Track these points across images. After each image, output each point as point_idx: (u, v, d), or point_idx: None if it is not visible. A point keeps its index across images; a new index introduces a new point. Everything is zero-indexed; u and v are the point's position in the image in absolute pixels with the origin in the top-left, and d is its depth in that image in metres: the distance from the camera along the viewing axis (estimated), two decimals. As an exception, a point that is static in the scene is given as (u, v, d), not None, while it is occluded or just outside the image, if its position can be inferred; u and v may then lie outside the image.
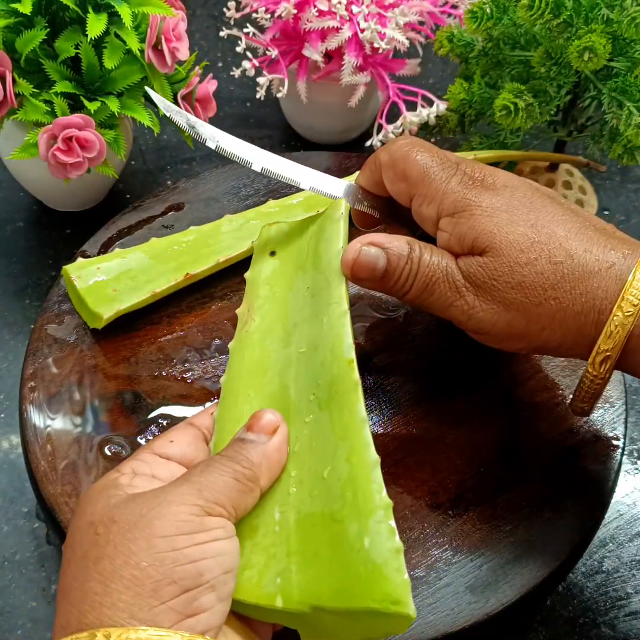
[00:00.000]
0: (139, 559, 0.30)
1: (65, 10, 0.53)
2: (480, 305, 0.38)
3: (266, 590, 0.32)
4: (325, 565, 0.31)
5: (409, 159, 0.41)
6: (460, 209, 0.39)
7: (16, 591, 0.48)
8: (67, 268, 0.50)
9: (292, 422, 0.36)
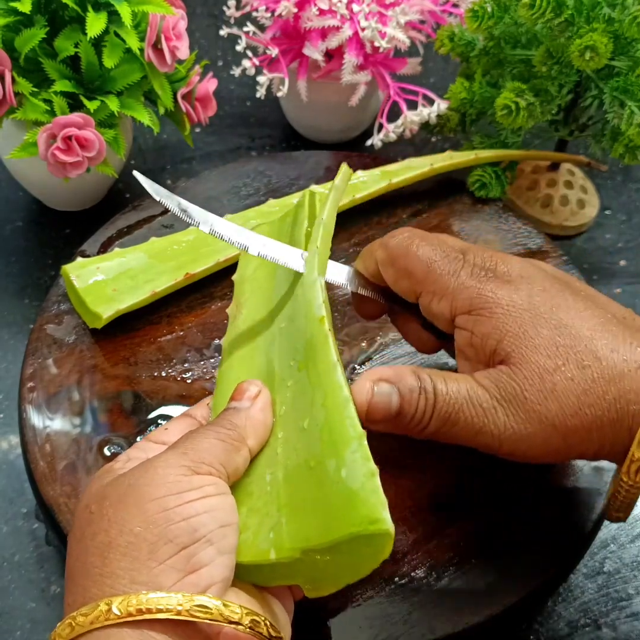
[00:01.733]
0: (133, 525, 0.31)
1: (65, 9, 0.52)
2: (513, 426, 0.35)
3: (261, 547, 0.33)
4: (311, 508, 0.32)
5: (410, 254, 0.39)
6: (477, 306, 0.36)
7: (15, 592, 0.48)
8: (67, 268, 0.50)
9: (277, 390, 0.38)
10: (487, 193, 0.59)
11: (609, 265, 0.64)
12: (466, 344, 0.37)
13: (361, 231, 0.57)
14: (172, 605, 0.29)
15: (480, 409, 0.35)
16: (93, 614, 0.29)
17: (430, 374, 0.36)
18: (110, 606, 0.29)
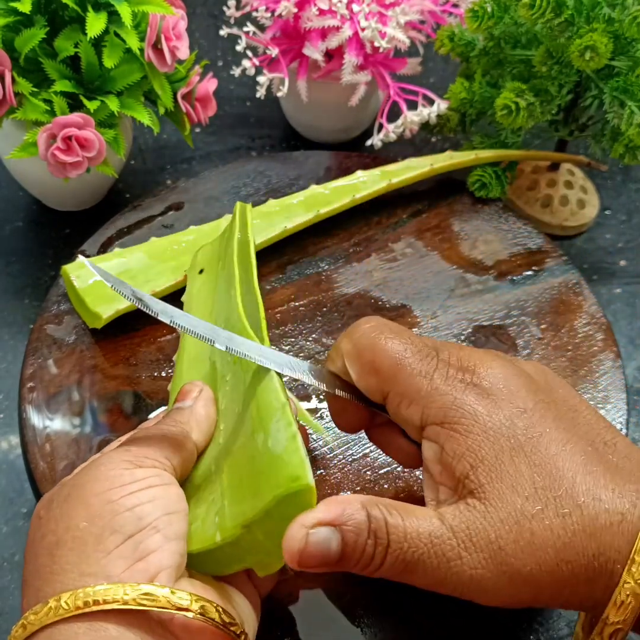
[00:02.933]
0: (78, 520, 0.31)
1: (65, 9, 0.52)
2: (480, 579, 0.30)
3: (208, 533, 0.33)
4: (246, 484, 0.33)
5: (378, 347, 0.34)
6: (452, 420, 0.32)
7: (15, 592, 0.48)
8: (67, 268, 0.50)
9: (219, 387, 0.39)
10: (487, 193, 0.59)
11: (609, 266, 0.64)
12: (434, 459, 0.33)
13: (361, 231, 0.57)
14: (119, 596, 0.29)
15: (443, 558, 0.30)
16: (43, 610, 0.30)
17: (387, 507, 0.31)
18: (59, 602, 0.29)
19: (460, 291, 0.54)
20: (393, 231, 0.57)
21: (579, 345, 0.51)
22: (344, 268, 0.55)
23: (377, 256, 0.56)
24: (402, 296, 0.53)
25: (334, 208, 0.56)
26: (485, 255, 0.56)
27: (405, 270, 0.55)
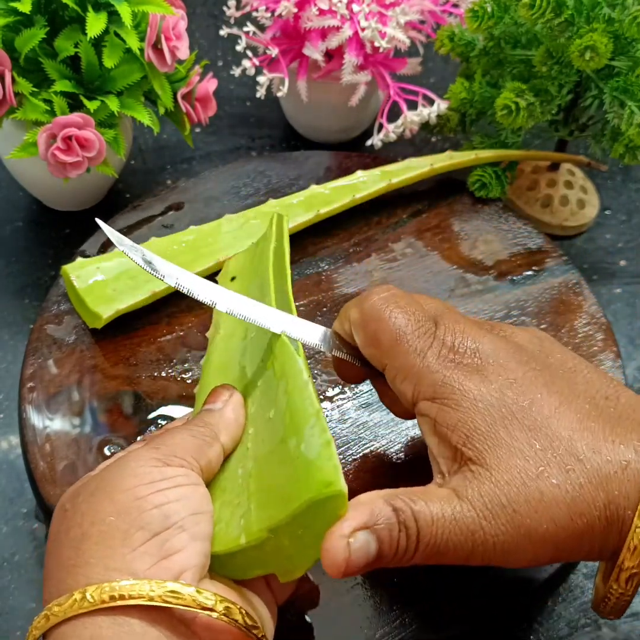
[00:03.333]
0: (105, 515, 0.31)
1: (65, 9, 0.52)
2: (502, 545, 0.32)
3: (233, 535, 0.33)
4: (275, 488, 0.33)
5: (382, 320, 0.36)
6: (441, 395, 0.34)
7: (15, 592, 0.48)
8: (66, 268, 0.50)
9: (249, 392, 0.39)
10: (487, 193, 0.59)
11: (609, 266, 0.64)
12: (430, 432, 0.34)
13: (361, 231, 0.57)
14: (145, 592, 0.29)
15: (468, 531, 0.31)
16: (67, 602, 0.30)
17: (409, 497, 0.32)
18: (84, 594, 0.29)
19: (460, 291, 0.54)
20: (393, 231, 0.57)
21: (579, 345, 0.51)
22: (344, 268, 0.55)
23: (377, 256, 0.56)
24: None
25: (334, 208, 0.56)
26: (485, 255, 0.56)
27: (405, 270, 0.55)
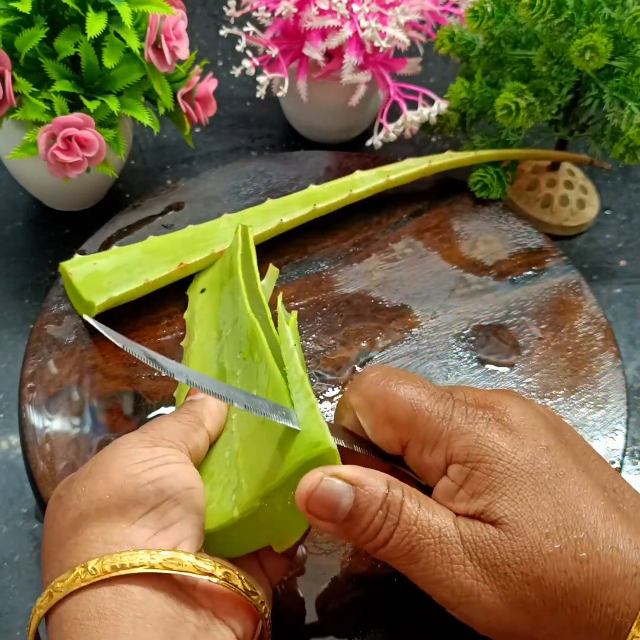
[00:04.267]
0: (101, 494, 0.32)
1: (65, 9, 0.52)
2: (480, 594, 0.30)
3: (225, 510, 0.34)
4: (263, 459, 0.33)
5: (390, 395, 0.33)
6: (475, 458, 0.31)
7: (15, 592, 0.48)
8: (64, 265, 0.50)
9: (228, 382, 0.40)
10: (488, 194, 0.59)
11: (609, 266, 0.64)
12: (445, 495, 0.32)
13: (361, 231, 0.57)
14: (145, 560, 0.30)
15: (448, 557, 0.30)
16: (70, 577, 0.30)
17: (409, 492, 0.31)
18: (86, 567, 0.30)
19: (460, 291, 0.54)
20: (393, 231, 0.57)
21: (579, 345, 0.51)
22: (344, 268, 0.55)
23: (377, 256, 0.56)
24: (402, 296, 0.53)
25: (331, 203, 0.56)
26: (485, 255, 0.56)
27: (405, 270, 0.55)
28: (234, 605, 0.32)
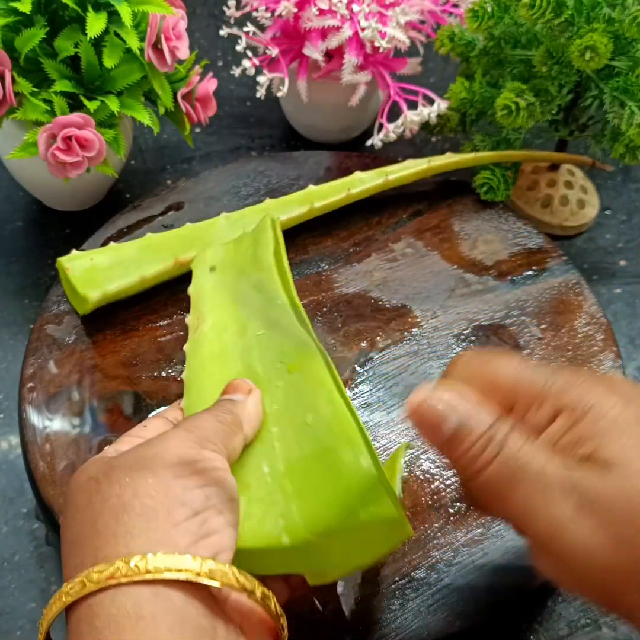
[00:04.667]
0: (147, 489, 0.31)
1: (65, 9, 0.52)
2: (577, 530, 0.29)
3: (270, 534, 0.33)
4: (325, 494, 0.33)
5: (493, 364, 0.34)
6: (584, 407, 0.31)
7: (15, 592, 0.48)
8: (62, 260, 0.50)
9: (265, 390, 0.39)
10: (494, 197, 0.58)
11: (609, 266, 0.64)
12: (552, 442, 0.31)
13: (361, 231, 0.57)
14: (191, 567, 0.29)
15: (549, 488, 0.30)
16: (108, 570, 0.29)
17: (517, 430, 0.31)
18: (128, 563, 0.29)
19: (460, 291, 0.54)
20: (393, 231, 0.57)
21: (579, 345, 0.51)
22: (344, 268, 0.55)
23: (377, 256, 0.56)
24: (402, 296, 0.53)
25: (328, 202, 0.56)
26: (485, 255, 0.56)
27: (405, 270, 0.55)
28: (259, 624, 0.32)
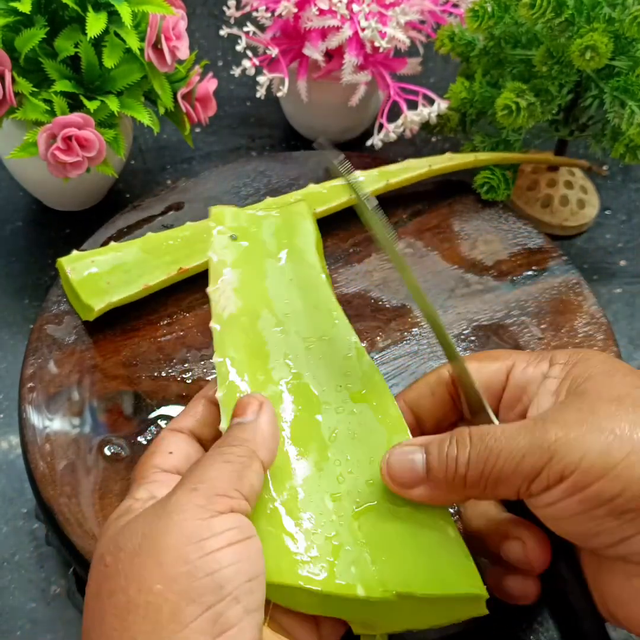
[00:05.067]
0: (152, 583, 0.28)
1: (65, 9, 0.52)
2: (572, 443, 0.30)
3: (340, 578, 0.32)
4: (404, 553, 0.33)
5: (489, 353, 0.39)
6: (576, 358, 0.35)
7: (15, 592, 0.48)
8: (62, 260, 0.50)
9: (317, 409, 0.37)
10: (495, 196, 0.58)
11: (609, 266, 0.64)
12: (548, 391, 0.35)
13: (361, 231, 0.57)
14: None
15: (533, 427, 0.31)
16: None
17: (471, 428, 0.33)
18: None
19: (460, 291, 0.54)
20: (393, 231, 0.57)
21: (579, 345, 0.51)
22: (344, 268, 0.55)
23: (377, 256, 0.56)
24: (402, 296, 0.53)
25: (330, 207, 0.56)
26: (485, 255, 0.56)
27: (406, 270, 0.55)
28: None
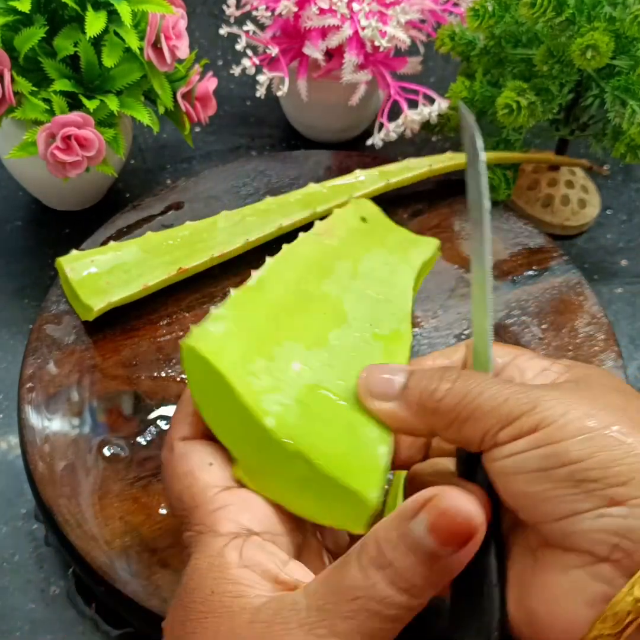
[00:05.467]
0: None
1: (64, 8, 0.52)
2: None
3: (261, 403, 0.32)
4: (329, 434, 0.32)
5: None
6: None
7: (15, 593, 0.48)
8: (61, 260, 0.50)
9: (341, 321, 0.36)
10: (496, 196, 0.58)
11: (610, 265, 0.64)
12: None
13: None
14: None
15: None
16: None
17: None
18: None
19: (460, 291, 0.54)
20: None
21: (580, 345, 0.51)
22: (345, 268, 0.55)
23: (378, 256, 0.56)
24: (402, 296, 0.53)
25: (331, 206, 0.56)
26: (486, 255, 0.56)
27: (406, 270, 0.55)
28: None
